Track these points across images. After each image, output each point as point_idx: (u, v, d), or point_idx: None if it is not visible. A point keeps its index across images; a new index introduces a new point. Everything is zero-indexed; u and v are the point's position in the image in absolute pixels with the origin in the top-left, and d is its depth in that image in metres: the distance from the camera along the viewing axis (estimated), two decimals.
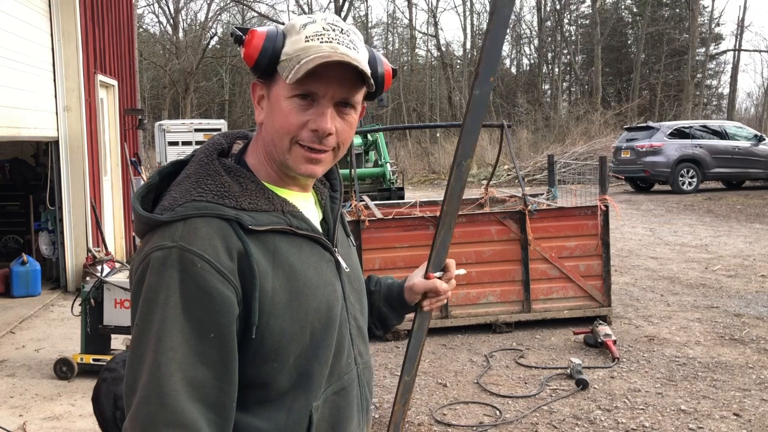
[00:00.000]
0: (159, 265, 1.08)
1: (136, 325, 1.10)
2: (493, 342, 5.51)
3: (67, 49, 7.41)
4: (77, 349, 5.07)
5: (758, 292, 6.84)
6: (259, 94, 1.22)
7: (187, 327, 1.06)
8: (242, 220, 1.13)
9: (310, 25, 1.16)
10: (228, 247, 1.10)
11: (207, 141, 1.25)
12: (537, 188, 13.45)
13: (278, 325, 1.13)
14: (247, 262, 1.11)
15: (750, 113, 37.21)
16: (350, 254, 1.37)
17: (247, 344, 1.12)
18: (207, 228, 1.10)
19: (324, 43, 1.14)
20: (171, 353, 1.05)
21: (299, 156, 1.18)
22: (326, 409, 1.23)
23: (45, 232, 7.94)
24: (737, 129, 17.19)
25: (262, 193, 1.18)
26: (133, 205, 1.18)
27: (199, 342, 1.06)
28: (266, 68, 1.17)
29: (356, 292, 1.34)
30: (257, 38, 1.17)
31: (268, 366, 1.14)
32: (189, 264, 1.07)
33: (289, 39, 1.16)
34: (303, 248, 1.20)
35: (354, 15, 38.32)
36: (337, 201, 1.35)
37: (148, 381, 1.04)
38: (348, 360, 1.28)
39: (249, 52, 1.17)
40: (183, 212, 1.11)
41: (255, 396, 1.15)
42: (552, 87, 37.12)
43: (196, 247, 1.08)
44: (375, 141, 13.21)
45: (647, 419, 4.00)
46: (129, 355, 1.10)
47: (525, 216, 5.67)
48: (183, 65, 33.07)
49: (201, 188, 1.14)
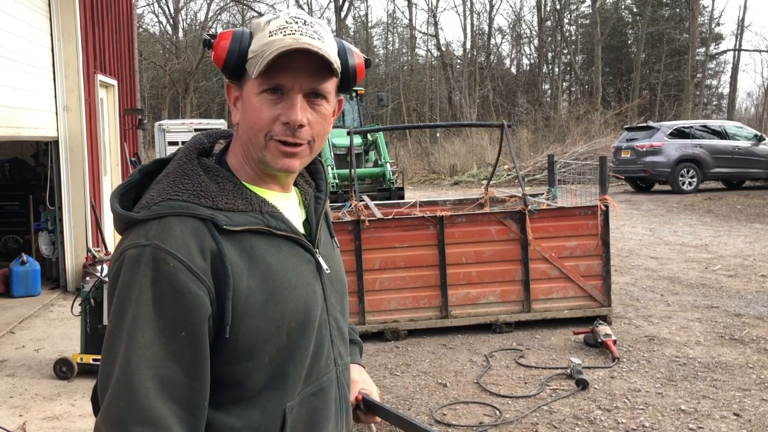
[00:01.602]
0: (133, 263, 1.09)
1: (109, 322, 1.11)
2: (493, 342, 5.51)
3: (67, 48, 7.41)
4: (77, 349, 5.07)
5: (758, 292, 6.84)
6: (234, 96, 1.23)
7: (159, 325, 1.06)
8: (217, 220, 1.13)
9: (274, 20, 1.17)
10: (201, 246, 1.10)
11: (189, 140, 1.26)
12: (537, 188, 13.44)
13: (253, 324, 1.13)
14: (220, 262, 1.11)
15: (750, 113, 37.23)
16: (333, 255, 1.37)
17: (221, 343, 1.13)
18: (181, 227, 1.10)
19: (287, 35, 1.14)
20: (142, 351, 1.05)
21: (275, 151, 1.18)
22: (303, 409, 1.23)
23: (45, 232, 7.94)
24: (737, 129, 17.18)
25: (239, 193, 1.18)
26: (110, 202, 1.18)
27: (170, 340, 1.07)
28: (235, 68, 1.18)
29: (338, 293, 1.34)
30: (223, 39, 1.18)
31: (243, 365, 1.15)
32: (162, 263, 1.08)
33: (255, 37, 1.17)
34: (282, 249, 1.20)
35: (354, 15, 38.33)
36: (321, 201, 1.35)
37: (118, 378, 1.05)
38: (327, 361, 1.28)
39: (217, 54, 1.18)
40: (158, 210, 1.12)
41: (229, 394, 1.16)
42: (552, 87, 37.13)
43: (170, 246, 1.08)
44: (375, 141, 13.19)
45: (647, 419, 3.99)
46: (102, 352, 1.10)
47: (525, 216, 5.66)
48: (183, 65, 33.08)
49: (177, 187, 1.15)
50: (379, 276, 5.62)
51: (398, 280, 5.65)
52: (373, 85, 35.51)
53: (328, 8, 33.67)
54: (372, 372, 4.86)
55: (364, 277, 5.56)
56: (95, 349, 4.84)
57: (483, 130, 24.26)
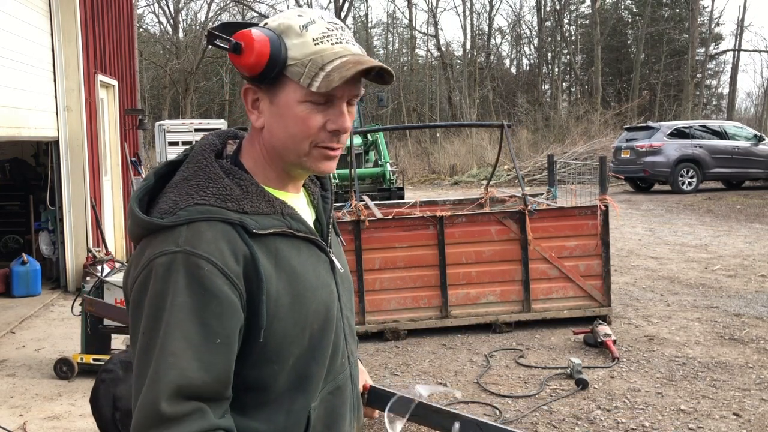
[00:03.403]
0: (164, 271, 1.06)
1: (142, 334, 1.06)
2: (493, 342, 5.51)
3: (67, 48, 7.41)
4: (77, 349, 5.07)
5: (758, 292, 6.84)
6: (253, 98, 1.18)
7: (192, 332, 1.04)
8: (246, 224, 1.11)
9: (312, 26, 1.13)
10: (234, 250, 1.08)
11: (200, 141, 1.22)
12: (537, 188, 13.44)
13: (281, 327, 1.13)
14: (253, 266, 1.09)
15: (750, 113, 37.26)
16: (341, 254, 1.38)
17: (251, 347, 1.12)
18: (212, 232, 1.08)
19: (335, 44, 1.13)
20: (172, 359, 1.02)
21: (318, 157, 1.18)
22: (322, 408, 1.23)
23: (45, 232, 7.94)
24: (737, 129, 17.18)
25: (262, 196, 1.17)
26: (131, 208, 1.14)
27: (204, 348, 1.04)
28: (273, 76, 1.13)
29: (347, 291, 1.35)
30: (260, 45, 1.10)
31: (269, 368, 1.14)
32: (195, 267, 1.05)
33: (291, 41, 1.13)
34: (302, 250, 1.20)
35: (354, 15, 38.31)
36: (329, 201, 1.35)
37: (147, 391, 1.03)
38: (342, 360, 1.29)
39: (253, 62, 1.11)
40: (186, 216, 1.09)
41: (254, 399, 1.15)
42: (552, 87, 37.12)
43: (202, 250, 1.06)
44: (375, 141, 13.19)
45: (647, 419, 4.00)
46: (136, 367, 1.07)
47: (525, 216, 5.67)
48: (183, 65, 33.08)
49: (203, 191, 1.12)
50: (379, 276, 5.63)
51: (398, 280, 5.65)
52: (373, 85, 35.37)
53: (328, 8, 33.59)
54: (372, 372, 4.86)
55: (364, 277, 5.57)
56: (95, 348, 4.85)
57: (483, 130, 24.26)
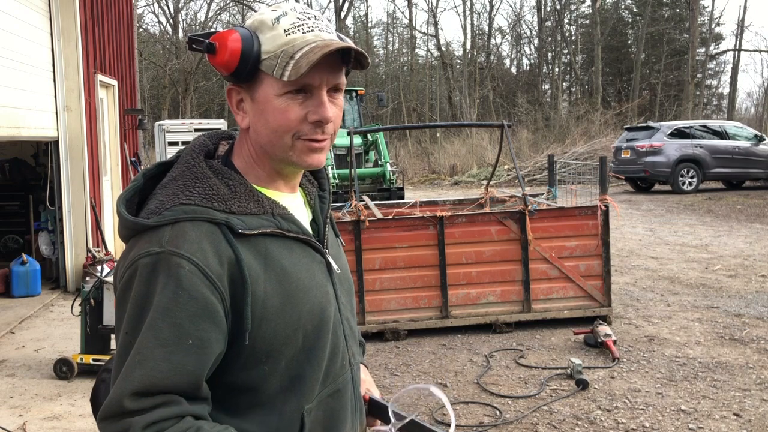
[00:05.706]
0: (147, 272, 1.06)
1: (125, 333, 1.07)
2: (493, 342, 5.51)
3: (66, 48, 7.41)
4: (77, 349, 5.07)
5: (758, 292, 6.84)
6: (237, 99, 1.18)
7: (166, 332, 1.03)
8: (232, 224, 1.10)
9: (283, 17, 1.13)
10: (218, 251, 1.08)
11: (192, 142, 1.22)
12: (537, 188, 13.44)
13: (270, 328, 1.12)
14: (237, 267, 1.08)
15: (750, 113, 37.20)
16: (340, 255, 1.36)
17: (237, 349, 1.11)
18: (196, 232, 1.08)
19: (306, 33, 1.12)
20: (141, 358, 1.03)
21: (303, 149, 1.16)
22: (321, 411, 1.22)
23: (45, 232, 7.94)
24: (737, 129, 17.18)
25: (251, 196, 1.16)
26: (118, 208, 1.14)
27: (175, 349, 1.04)
28: (247, 72, 1.13)
29: (347, 293, 1.33)
30: (232, 42, 1.11)
31: (260, 369, 1.13)
32: (176, 267, 1.04)
33: (264, 36, 1.13)
34: (294, 250, 1.18)
35: (354, 15, 38.32)
36: (326, 201, 1.33)
37: (115, 387, 1.04)
38: (343, 362, 1.27)
39: (227, 60, 1.11)
40: (171, 216, 1.08)
41: (246, 400, 1.14)
42: (552, 87, 37.13)
43: (184, 250, 1.05)
44: (375, 141, 13.19)
45: (647, 419, 3.99)
46: (114, 363, 1.07)
47: (525, 216, 5.66)
48: (183, 65, 33.07)
49: (189, 191, 1.11)
50: (380, 276, 5.62)
51: (398, 280, 5.65)
52: (373, 85, 35.52)
53: (328, 8, 33.59)
54: (372, 372, 4.86)
55: (364, 277, 5.56)
56: (95, 349, 4.84)
57: (483, 130, 24.26)
